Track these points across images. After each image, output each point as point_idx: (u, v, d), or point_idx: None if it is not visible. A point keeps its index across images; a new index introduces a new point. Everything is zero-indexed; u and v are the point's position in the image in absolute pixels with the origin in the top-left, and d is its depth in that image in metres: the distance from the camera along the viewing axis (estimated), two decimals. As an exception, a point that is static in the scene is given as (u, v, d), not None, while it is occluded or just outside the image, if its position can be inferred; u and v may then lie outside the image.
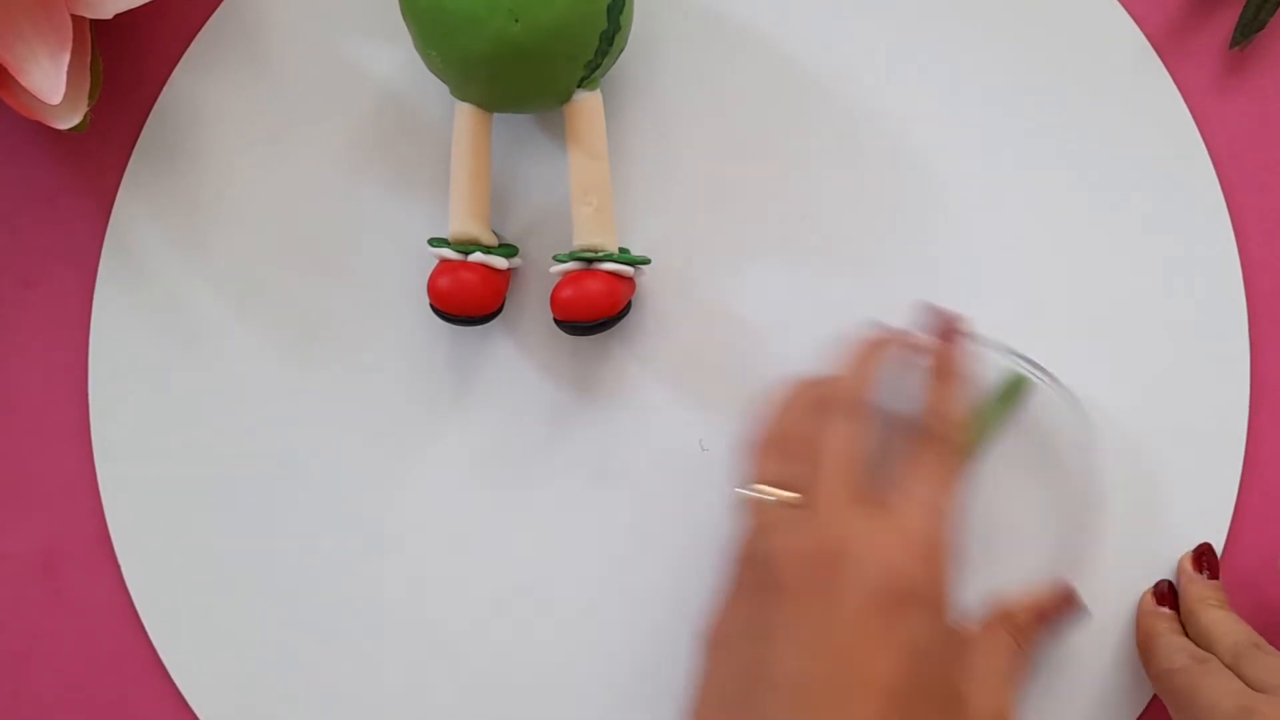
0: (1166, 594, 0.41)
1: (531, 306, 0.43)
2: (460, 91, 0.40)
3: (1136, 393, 0.42)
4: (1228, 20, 0.43)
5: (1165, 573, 0.42)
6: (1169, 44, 0.43)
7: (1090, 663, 0.42)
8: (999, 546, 0.41)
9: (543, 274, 0.43)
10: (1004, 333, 0.42)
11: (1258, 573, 0.42)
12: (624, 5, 0.39)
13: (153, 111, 0.45)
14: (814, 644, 0.34)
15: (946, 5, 0.43)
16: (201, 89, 0.45)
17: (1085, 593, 0.41)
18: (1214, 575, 0.41)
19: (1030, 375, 0.41)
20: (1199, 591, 0.41)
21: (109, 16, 0.40)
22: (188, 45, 0.45)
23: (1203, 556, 0.42)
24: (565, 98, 0.40)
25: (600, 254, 0.40)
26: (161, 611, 0.44)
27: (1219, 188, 0.43)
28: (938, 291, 0.43)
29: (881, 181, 0.43)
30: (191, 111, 0.45)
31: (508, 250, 0.42)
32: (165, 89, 0.45)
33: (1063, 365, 0.42)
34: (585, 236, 0.40)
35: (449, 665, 0.43)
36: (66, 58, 0.39)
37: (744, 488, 0.38)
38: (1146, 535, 0.42)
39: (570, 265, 0.40)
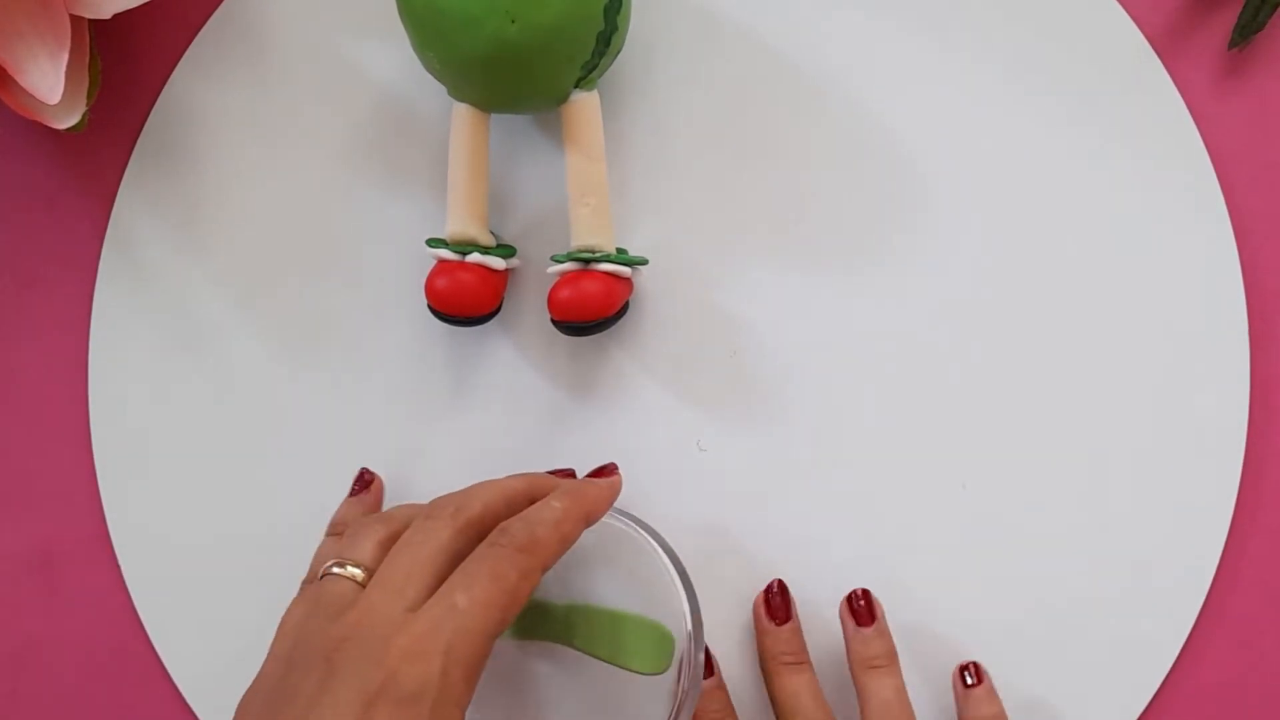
0: (779, 595, 0.41)
1: (529, 307, 0.43)
2: (458, 92, 0.40)
3: (1137, 392, 0.42)
4: (1227, 21, 0.42)
5: (1162, 572, 0.42)
6: (1169, 44, 0.43)
7: (1090, 663, 0.42)
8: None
9: (540, 274, 0.43)
10: (1005, 338, 0.42)
11: (1257, 572, 0.42)
12: (621, 6, 0.39)
13: (153, 111, 0.45)
14: None
15: (945, 6, 0.43)
16: (201, 89, 0.45)
17: (1086, 596, 0.42)
18: (785, 618, 0.40)
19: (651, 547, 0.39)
20: (771, 646, 0.40)
21: (108, 17, 0.40)
22: (188, 45, 0.45)
23: (772, 595, 0.41)
24: (562, 98, 0.40)
25: (598, 254, 0.40)
26: (161, 611, 0.44)
27: (1219, 188, 0.42)
28: (935, 292, 0.43)
29: (879, 182, 0.43)
30: (191, 111, 0.45)
31: (505, 251, 0.42)
32: (165, 89, 0.45)
33: (1063, 365, 0.42)
34: (583, 237, 0.40)
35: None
36: (65, 58, 0.39)
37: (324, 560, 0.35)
38: (1146, 535, 0.42)
39: (568, 266, 0.40)
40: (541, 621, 0.42)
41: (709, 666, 0.41)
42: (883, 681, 0.39)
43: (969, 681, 0.40)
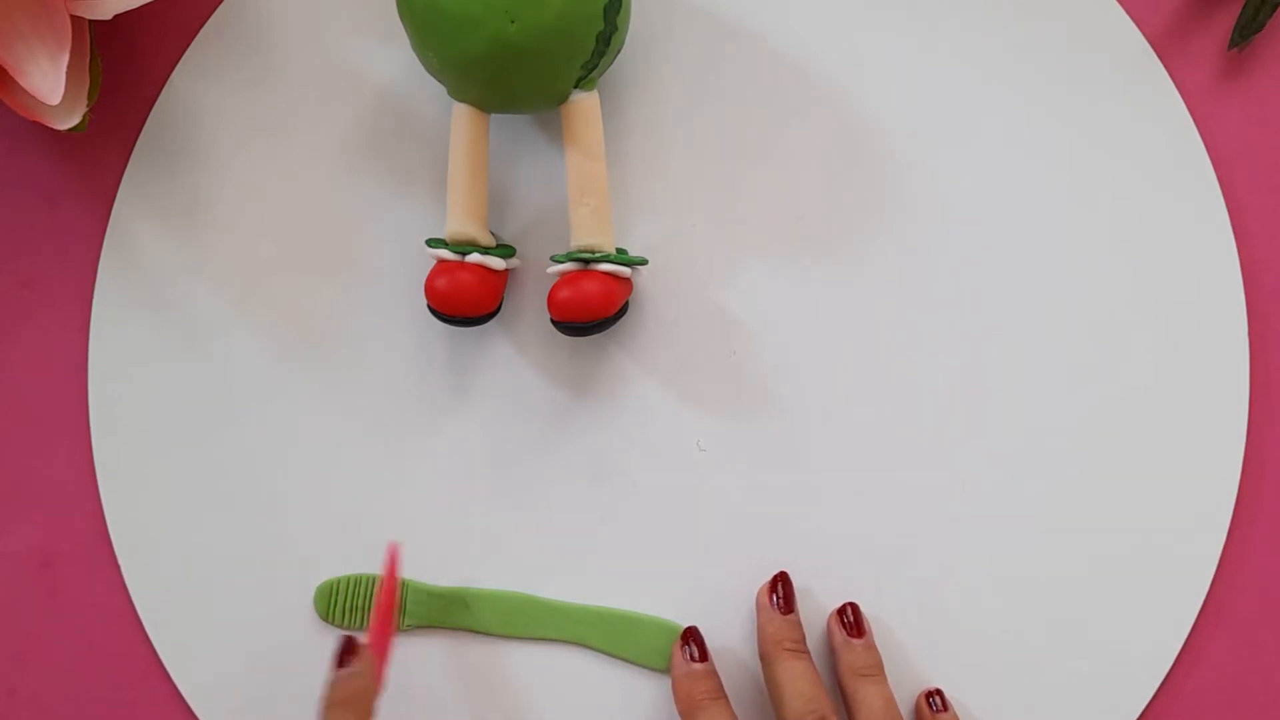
0: (696, 639, 0.41)
1: (529, 307, 0.43)
2: (458, 92, 0.40)
3: (1137, 393, 0.42)
4: (1227, 21, 0.43)
5: (1162, 572, 0.42)
6: (1169, 45, 0.43)
7: (1090, 663, 0.42)
8: None
9: (540, 275, 0.43)
10: (1005, 337, 0.42)
11: (1257, 572, 0.42)
12: (621, 6, 0.39)
13: (153, 111, 0.45)
14: None
15: (945, 6, 0.43)
16: (201, 89, 0.45)
17: (1086, 596, 0.42)
18: (788, 609, 0.41)
19: None
20: (775, 632, 0.40)
21: (108, 17, 0.40)
22: (188, 45, 0.45)
23: (778, 585, 0.41)
24: (562, 98, 0.40)
25: (597, 254, 0.40)
26: (161, 611, 0.44)
27: (1219, 188, 0.43)
28: (935, 292, 0.43)
29: (879, 182, 0.43)
30: (191, 111, 0.45)
31: (505, 251, 0.42)
32: (165, 89, 0.45)
33: (1063, 364, 0.42)
34: (582, 237, 0.40)
35: (447, 666, 0.43)
36: (66, 58, 0.39)
37: None
38: (1146, 536, 0.42)
39: (567, 266, 0.40)
40: (563, 624, 0.42)
41: (701, 650, 0.41)
42: (873, 690, 0.39)
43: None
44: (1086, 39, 0.43)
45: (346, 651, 0.38)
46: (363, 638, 0.39)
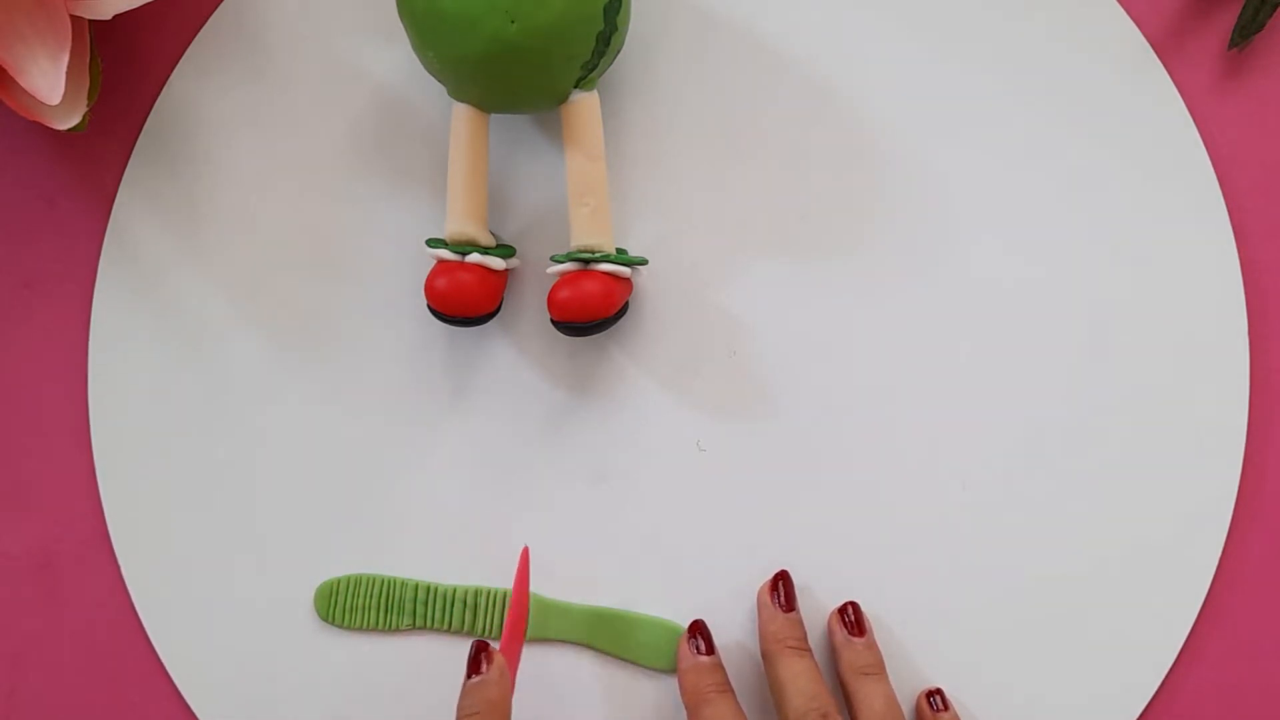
0: (703, 632, 0.41)
1: (529, 307, 0.43)
2: (458, 92, 0.40)
3: (1137, 392, 0.42)
4: (1226, 21, 0.43)
5: (1162, 572, 0.42)
6: (1168, 45, 0.43)
7: (1090, 663, 0.42)
8: None
9: (540, 275, 0.43)
10: (1004, 338, 0.42)
11: (1257, 572, 0.42)
12: (621, 6, 0.39)
13: (152, 111, 0.45)
14: None
15: (946, 6, 0.43)
16: (201, 89, 0.45)
17: (1086, 596, 0.42)
18: (790, 607, 0.41)
19: None
20: (777, 630, 0.40)
21: (108, 17, 0.40)
22: (188, 45, 0.45)
23: (779, 583, 0.41)
24: (562, 98, 0.40)
25: (597, 254, 0.40)
26: (161, 611, 0.44)
27: (1218, 188, 0.43)
28: (935, 292, 0.43)
29: (879, 182, 0.43)
30: (191, 111, 0.45)
31: (505, 251, 0.42)
32: (165, 89, 0.45)
33: (1062, 365, 0.42)
34: (582, 237, 0.40)
35: (447, 666, 0.43)
36: (66, 58, 0.39)
37: None
38: (1146, 535, 0.42)
39: (567, 266, 0.40)
40: (563, 624, 0.42)
41: (708, 644, 0.41)
42: (875, 688, 0.40)
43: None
44: (1086, 39, 0.43)
45: (479, 657, 0.38)
46: (494, 643, 0.38)
